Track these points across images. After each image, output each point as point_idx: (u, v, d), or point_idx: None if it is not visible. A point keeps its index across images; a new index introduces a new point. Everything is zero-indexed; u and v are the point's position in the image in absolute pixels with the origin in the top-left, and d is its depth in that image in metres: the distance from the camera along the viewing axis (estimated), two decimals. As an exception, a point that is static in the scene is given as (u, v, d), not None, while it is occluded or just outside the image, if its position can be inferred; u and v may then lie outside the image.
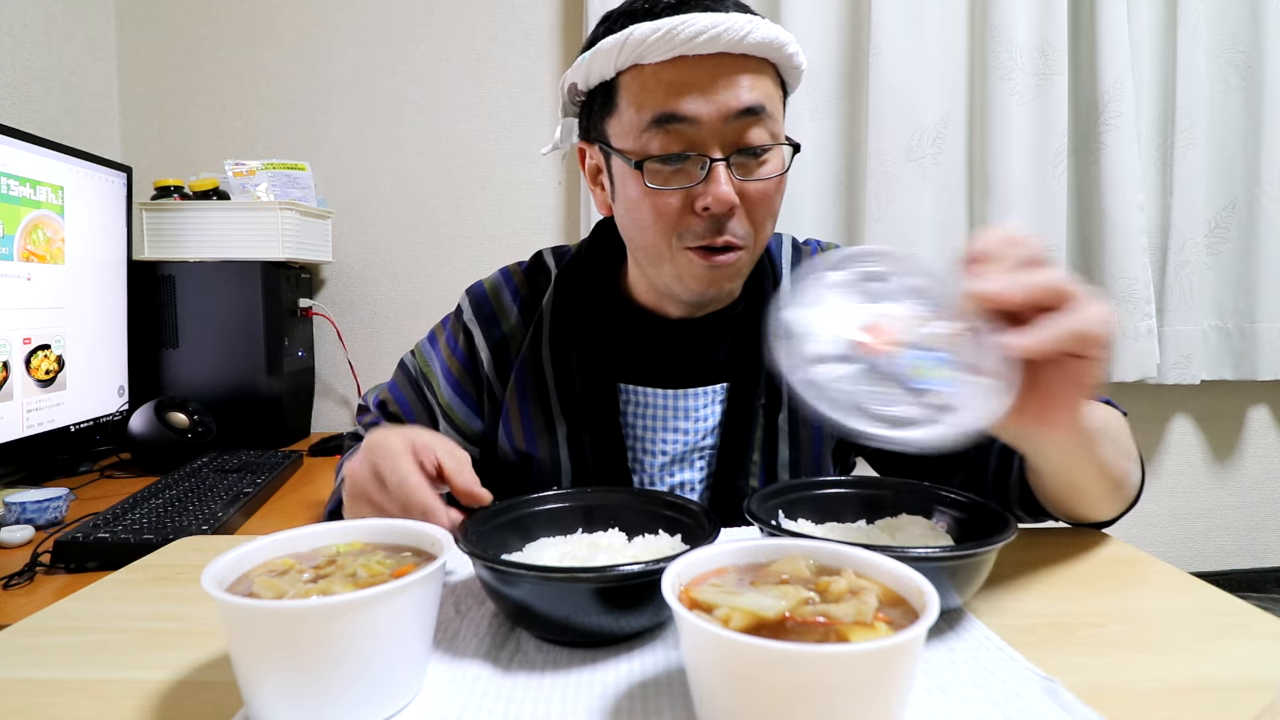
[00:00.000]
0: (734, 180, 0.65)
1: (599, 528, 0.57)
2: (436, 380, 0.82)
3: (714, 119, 0.63)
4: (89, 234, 1.35)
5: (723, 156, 0.64)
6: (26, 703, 0.42)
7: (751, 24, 0.62)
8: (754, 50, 0.63)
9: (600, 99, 0.69)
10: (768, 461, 0.76)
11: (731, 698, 0.34)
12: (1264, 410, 1.90)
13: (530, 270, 0.83)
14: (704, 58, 0.62)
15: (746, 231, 0.67)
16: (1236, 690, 0.41)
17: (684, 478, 0.76)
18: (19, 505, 1.01)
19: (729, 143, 0.64)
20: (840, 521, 0.58)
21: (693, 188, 0.65)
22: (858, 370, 0.40)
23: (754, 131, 0.65)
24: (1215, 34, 1.73)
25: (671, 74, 0.63)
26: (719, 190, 0.64)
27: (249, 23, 1.76)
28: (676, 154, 0.64)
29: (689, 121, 0.63)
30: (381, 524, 0.48)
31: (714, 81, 0.63)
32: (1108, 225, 1.67)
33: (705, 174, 0.64)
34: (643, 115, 0.65)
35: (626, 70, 0.66)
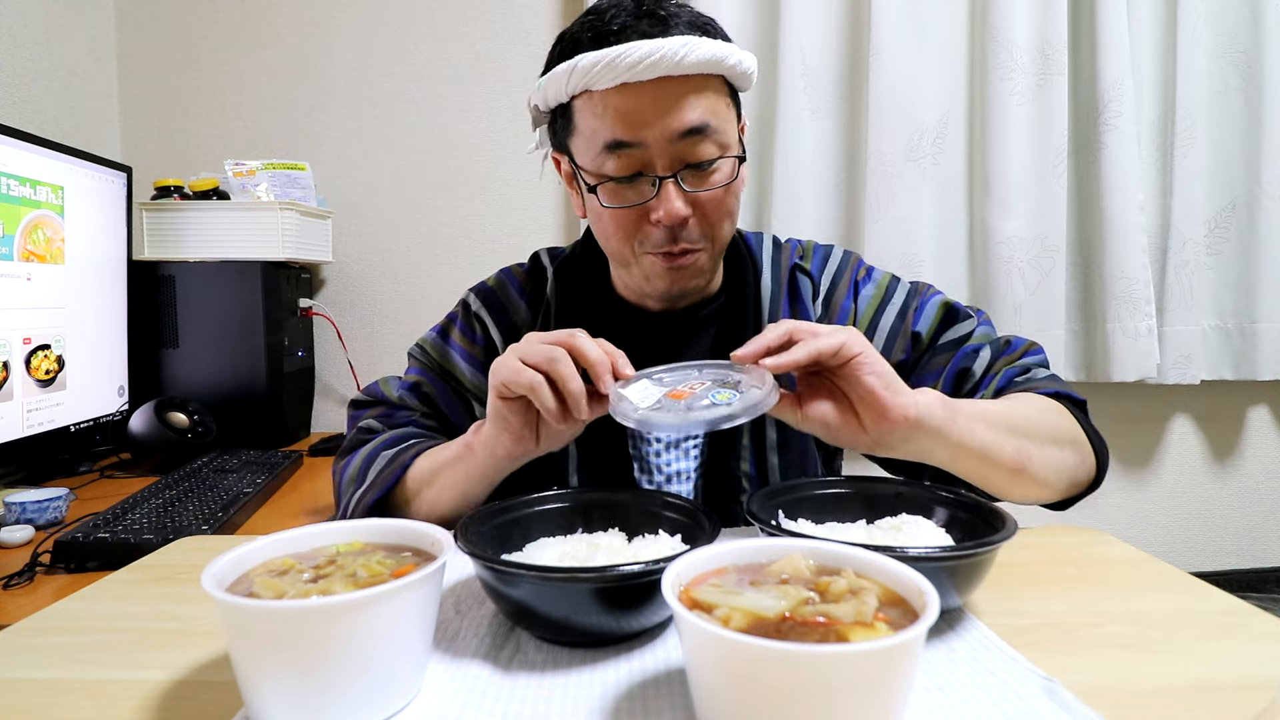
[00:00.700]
0: (684, 194, 0.69)
1: (599, 528, 0.57)
2: (459, 368, 0.84)
3: (660, 141, 0.67)
4: (89, 234, 1.35)
5: (670, 174, 0.69)
6: (26, 703, 0.42)
7: (687, 45, 0.65)
8: (695, 69, 0.67)
9: (560, 119, 0.74)
10: (757, 445, 0.79)
11: (731, 698, 0.34)
12: (1264, 410, 1.90)
13: (531, 270, 0.88)
14: (647, 83, 0.66)
15: (701, 235, 0.72)
16: (1236, 690, 0.41)
17: (680, 466, 0.79)
18: (19, 505, 1.01)
19: (676, 160, 0.69)
20: (840, 521, 0.58)
21: (646, 203, 0.70)
22: (669, 408, 0.55)
23: (700, 147, 0.69)
24: (1215, 34, 1.73)
25: (617, 101, 0.67)
26: (669, 206, 0.69)
27: (249, 23, 1.76)
28: (628, 176, 0.69)
29: (637, 146, 0.68)
30: (382, 524, 0.48)
31: (657, 106, 0.67)
32: (1108, 225, 1.67)
33: (656, 191, 0.69)
34: (595, 141, 0.69)
35: (579, 95, 0.70)
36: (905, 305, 0.81)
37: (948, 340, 0.79)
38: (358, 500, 0.74)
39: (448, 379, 0.85)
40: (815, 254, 0.85)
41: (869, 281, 0.83)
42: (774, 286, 0.81)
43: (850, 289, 0.82)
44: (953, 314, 0.80)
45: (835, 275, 0.83)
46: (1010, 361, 0.77)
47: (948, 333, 0.79)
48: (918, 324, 0.80)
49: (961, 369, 0.76)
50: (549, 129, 0.78)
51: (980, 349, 0.78)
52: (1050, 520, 0.77)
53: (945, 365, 0.77)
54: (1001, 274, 1.68)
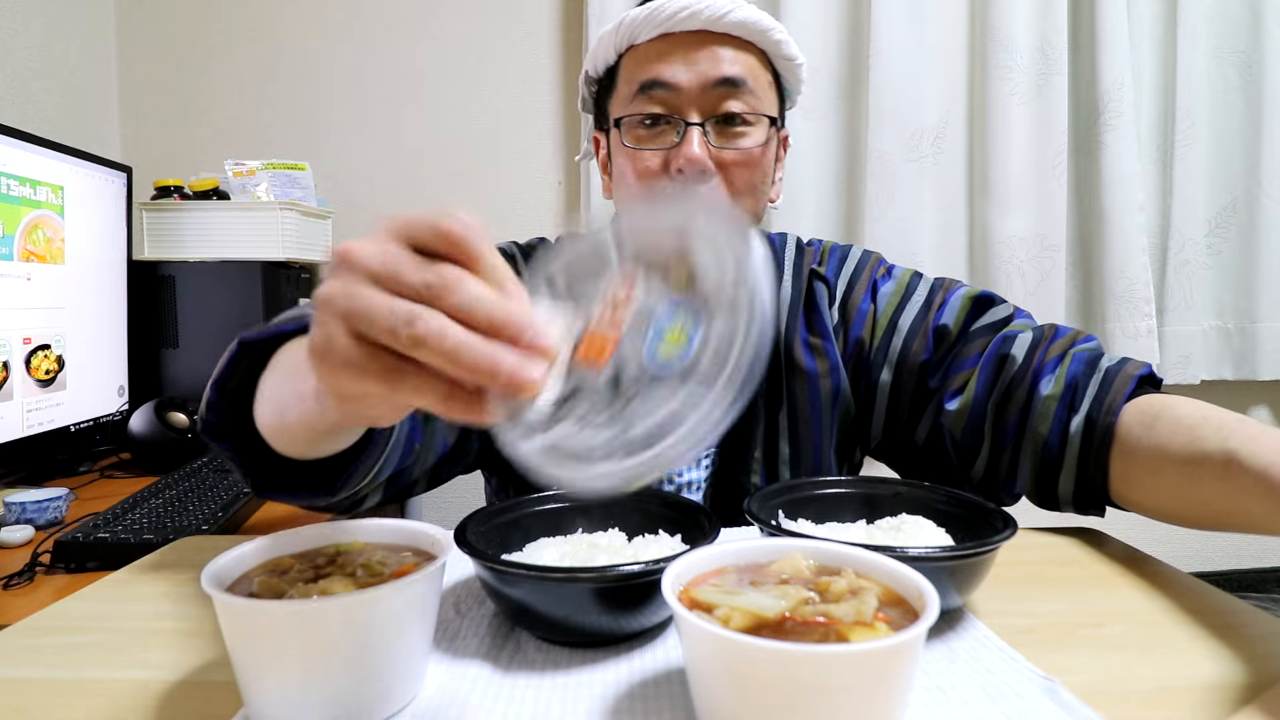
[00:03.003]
0: (709, 147, 0.68)
1: (599, 528, 0.57)
2: None
3: (692, 86, 0.68)
4: (89, 234, 1.35)
5: (699, 121, 0.68)
6: (26, 703, 0.42)
7: (732, 4, 0.67)
8: (733, 29, 0.68)
9: (605, 83, 0.75)
10: (769, 458, 0.77)
11: (731, 698, 0.34)
12: (1264, 410, 1.90)
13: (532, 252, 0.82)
14: (689, 34, 0.68)
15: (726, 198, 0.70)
16: (1236, 690, 0.41)
17: (690, 476, 0.77)
18: (19, 505, 1.01)
19: (705, 109, 0.69)
20: (840, 521, 0.58)
21: (668, 149, 0.69)
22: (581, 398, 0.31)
23: (732, 101, 0.69)
24: (1215, 34, 1.73)
25: (658, 47, 0.69)
26: (690, 151, 0.67)
27: (249, 23, 1.76)
28: (654, 115, 0.69)
29: (669, 87, 0.68)
30: (381, 524, 0.48)
31: (695, 52, 0.68)
32: (1108, 225, 1.67)
33: (680, 138, 0.68)
34: (632, 86, 0.70)
35: (625, 52, 0.72)
36: (929, 301, 0.76)
37: (982, 326, 0.72)
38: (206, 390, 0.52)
39: None
40: (831, 256, 0.81)
41: (889, 279, 0.79)
42: (793, 293, 0.78)
43: (868, 289, 0.78)
44: (983, 302, 0.74)
45: (852, 277, 0.79)
46: (1065, 346, 0.68)
47: (980, 319, 0.73)
48: (941, 318, 0.74)
49: (1001, 354, 0.69)
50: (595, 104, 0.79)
51: (1019, 334, 0.70)
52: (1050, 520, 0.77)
53: (982, 350, 0.70)
54: (1001, 274, 1.68)
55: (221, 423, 0.51)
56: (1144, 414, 0.61)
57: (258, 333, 0.50)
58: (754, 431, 0.76)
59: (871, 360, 0.76)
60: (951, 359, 0.72)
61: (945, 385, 0.72)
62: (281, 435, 0.44)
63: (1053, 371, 0.67)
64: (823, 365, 0.76)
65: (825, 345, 0.77)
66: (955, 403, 0.70)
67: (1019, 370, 0.68)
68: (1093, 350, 0.68)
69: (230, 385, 0.51)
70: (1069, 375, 0.66)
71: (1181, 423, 0.57)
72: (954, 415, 0.70)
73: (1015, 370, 0.68)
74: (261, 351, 0.49)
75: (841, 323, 0.78)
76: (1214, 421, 0.56)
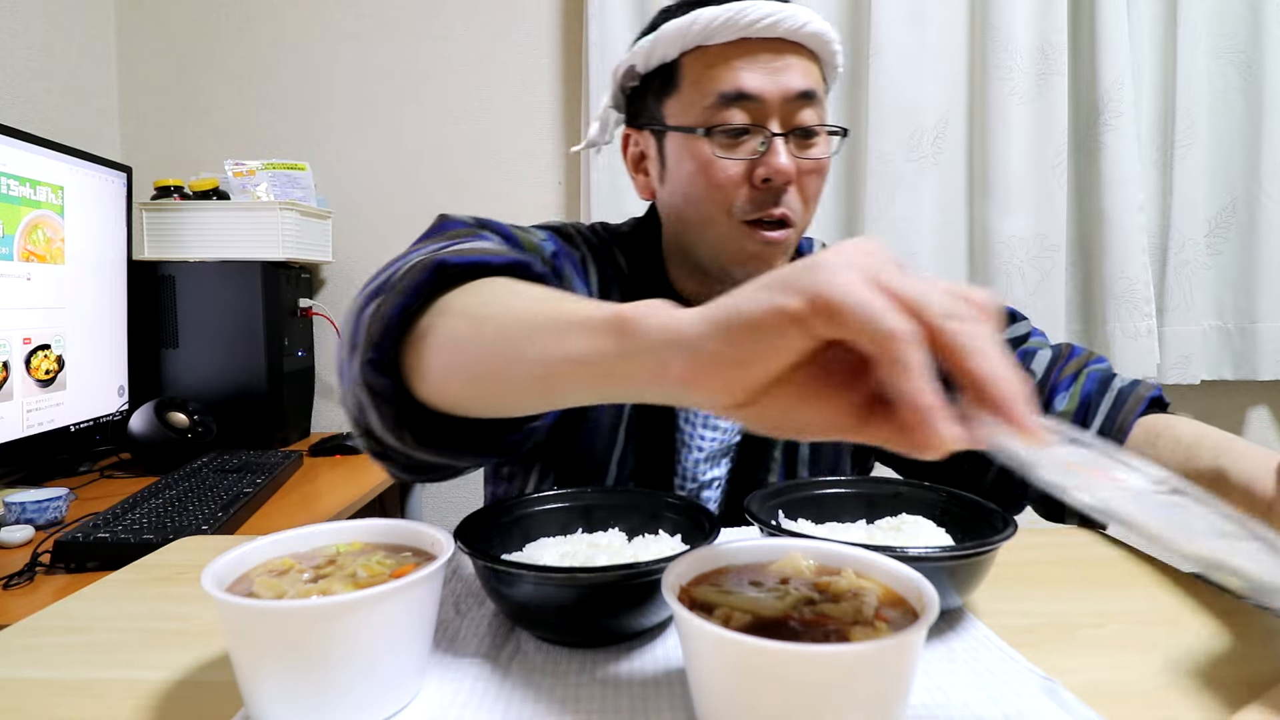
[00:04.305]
0: (791, 156, 0.69)
1: (599, 528, 0.57)
2: (568, 277, 0.75)
3: (776, 98, 0.68)
4: (89, 234, 1.35)
5: (782, 132, 0.69)
6: (25, 703, 0.42)
7: (809, 16, 0.68)
8: (807, 40, 0.69)
9: (658, 81, 0.73)
10: (788, 458, 0.77)
11: (731, 698, 0.34)
12: (1264, 410, 1.90)
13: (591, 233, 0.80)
14: (765, 41, 0.68)
15: (799, 208, 0.71)
16: (1236, 690, 0.41)
17: (713, 474, 0.78)
18: (19, 505, 1.01)
19: (787, 121, 0.69)
20: (840, 521, 0.58)
21: (753, 159, 0.69)
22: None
23: (808, 112, 0.70)
24: (1215, 34, 1.73)
25: (737, 55, 0.68)
26: (779, 162, 0.68)
27: (249, 23, 1.76)
28: (742, 126, 0.69)
29: (754, 99, 0.68)
30: (381, 524, 0.48)
31: (774, 62, 0.68)
32: (1108, 225, 1.67)
33: (765, 148, 0.68)
34: (709, 91, 0.69)
35: (690, 51, 0.70)
36: None
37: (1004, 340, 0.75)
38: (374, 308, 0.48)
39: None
40: None
41: None
42: None
43: None
44: (1007, 316, 0.78)
45: None
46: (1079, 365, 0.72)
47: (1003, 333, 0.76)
48: None
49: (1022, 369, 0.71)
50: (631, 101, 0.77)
51: (1038, 351, 0.74)
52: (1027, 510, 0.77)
53: None
54: (1001, 274, 1.68)
55: (392, 353, 0.46)
56: (1148, 432, 0.65)
57: (457, 258, 0.47)
58: None
59: None
60: None
61: None
62: (505, 384, 0.40)
63: (1067, 389, 0.71)
64: None
65: None
66: None
67: (1036, 386, 0.72)
68: (1105, 370, 0.72)
69: (413, 309, 0.46)
70: (1083, 393, 0.70)
71: (1180, 441, 0.62)
72: None
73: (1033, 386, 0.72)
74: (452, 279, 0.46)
75: None
76: (1209, 440, 0.60)
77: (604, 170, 1.66)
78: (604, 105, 0.80)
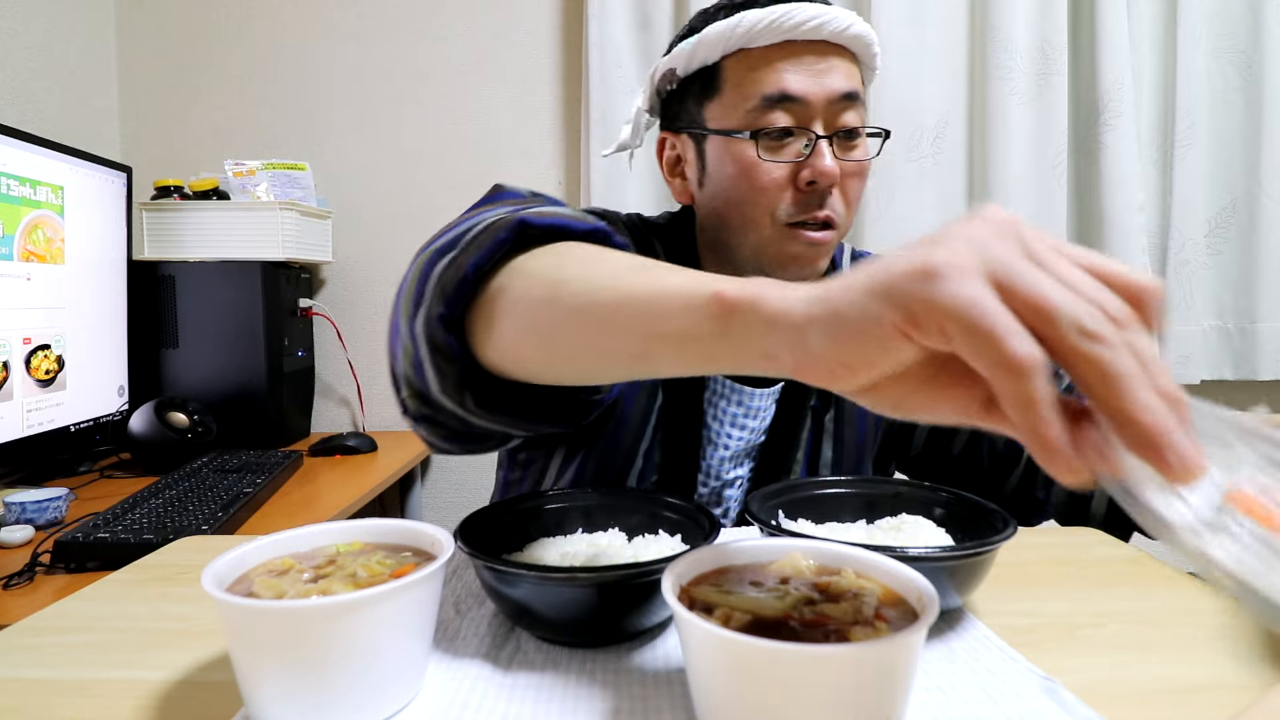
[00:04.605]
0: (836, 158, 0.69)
1: (599, 528, 0.57)
2: None
3: (820, 100, 0.68)
4: (89, 234, 1.35)
5: (826, 134, 0.69)
6: (25, 702, 0.42)
7: (852, 19, 0.68)
8: (850, 43, 0.69)
9: (698, 84, 0.72)
10: (811, 460, 0.78)
11: (731, 698, 0.34)
12: (1264, 411, 1.90)
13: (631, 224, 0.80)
14: (808, 44, 0.68)
15: (843, 209, 0.71)
16: (1236, 690, 0.41)
17: (736, 474, 0.77)
18: (19, 505, 1.01)
19: (831, 123, 0.69)
20: (840, 521, 0.58)
21: (798, 162, 0.69)
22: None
23: (851, 114, 0.70)
24: (1215, 34, 1.73)
25: (781, 56, 0.68)
26: (824, 164, 0.67)
27: (249, 23, 1.76)
28: (787, 128, 0.68)
29: (798, 101, 0.68)
30: (381, 524, 0.48)
31: (818, 64, 0.68)
32: (1108, 225, 1.67)
33: (810, 151, 0.68)
34: (752, 94, 0.68)
35: (732, 54, 0.70)
36: None
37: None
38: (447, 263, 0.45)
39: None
40: None
41: None
42: None
43: None
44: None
45: None
46: None
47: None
48: None
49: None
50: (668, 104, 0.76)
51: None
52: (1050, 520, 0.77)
53: None
54: (1001, 274, 1.68)
55: (461, 312, 0.45)
56: None
57: (539, 219, 0.45)
58: (799, 433, 0.76)
59: None
60: None
61: None
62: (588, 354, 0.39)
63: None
64: None
65: None
66: None
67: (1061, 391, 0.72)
68: None
69: (487, 268, 0.45)
70: None
71: None
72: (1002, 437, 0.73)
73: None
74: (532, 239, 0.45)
75: None
76: None
77: (604, 170, 1.66)
78: (636, 108, 0.80)
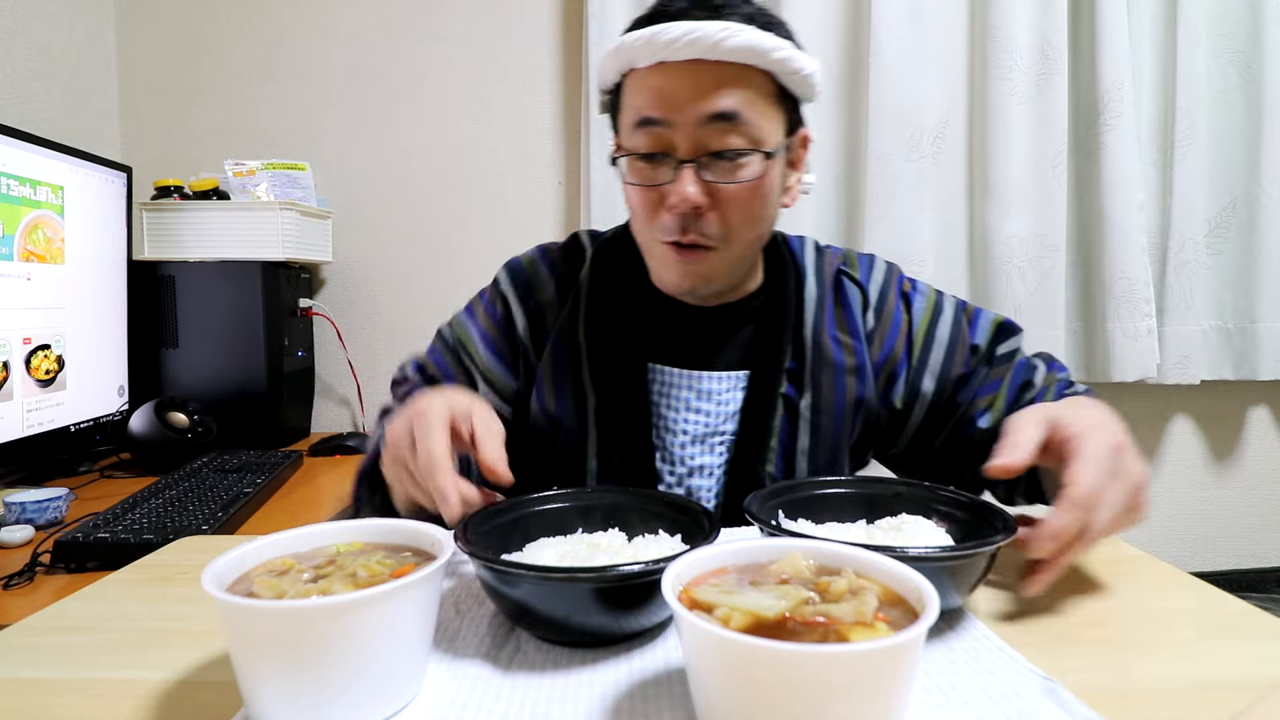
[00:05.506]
0: (702, 182, 0.67)
1: (599, 528, 0.57)
2: (474, 345, 0.83)
3: (686, 122, 0.66)
4: (89, 234, 1.35)
5: (691, 159, 0.67)
6: (25, 702, 0.42)
7: (725, 30, 0.64)
8: (731, 56, 0.65)
9: (614, 99, 0.74)
10: (786, 449, 0.78)
11: (731, 698, 0.34)
12: (1264, 410, 1.90)
13: (566, 249, 0.85)
14: (684, 64, 0.66)
15: (718, 232, 0.69)
16: (1236, 690, 0.41)
17: (704, 461, 0.78)
18: (19, 505, 1.01)
19: (699, 145, 0.67)
20: (840, 521, 0.58)
21: (664, 186, 0.69)
22: None
23: (726, 137, 0.67)
24: (1215, 34, 1.73)
25: (655, 79, 0.67)
26: (682, 190, 0.67)
27: (249, 23, 1.76)
28: (650, 154, 0.69)
29: (664, 124, 0.67)
30: (381, 524, 0.48)
31: (689, 87, 0.66)
32: (1108, 225, 1.67)
33: (676, 174, 0.68)
34: (631, 117, 0.69)
35: (626, 73, 0.70)
36: (957, 318, 0.81)
37: (1004, 353, 0.80)
38: (359, 471, 0.73)
39: (460, 359, 0.83)
40: (861, 263, 0.84)
41: (917, 294, 0.83)
42: (818, 290, 0.80)
43: (900, 300, 0.82)
44: (1005, 329, 0.82)
45: (884, 287, 0.82)
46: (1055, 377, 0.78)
47: (1002, 346, 0.80)
48: (975, 337, 0.80)
49: (1024, 381, 0.77)
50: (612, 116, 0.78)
51: (1035, 364, 0.79)
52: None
53: (1004, 377, 0.78)
54: (1001, 274, 1.68)
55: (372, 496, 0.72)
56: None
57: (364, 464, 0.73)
58: (770, 421, 0.77)
59: (914, 368, 0.80)
60: (981, 379, 0.79)
61: (974, 404, 0.78)
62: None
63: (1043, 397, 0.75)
64: (850, 361, 0.79)
65: (855, 344, 0.79)
66: (986, 419, 0.77)
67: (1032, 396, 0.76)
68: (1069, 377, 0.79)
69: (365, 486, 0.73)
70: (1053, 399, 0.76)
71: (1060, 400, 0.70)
72: (987, 433, 0.76)
73: (1030, 396, 0.76)
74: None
75: (877, 330, 0.80)
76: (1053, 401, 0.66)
77: (604, 170, 1.66)
78: None
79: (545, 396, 0.80)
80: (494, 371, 0.82)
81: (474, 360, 0.83)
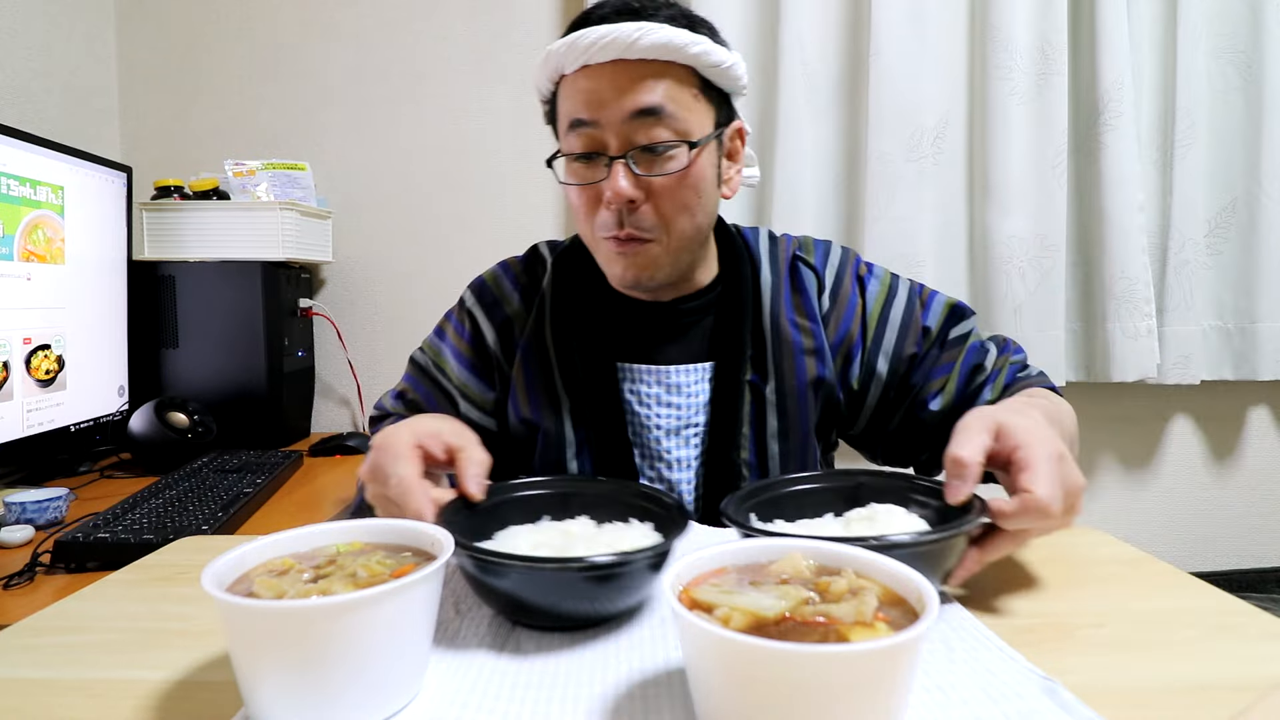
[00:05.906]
0: (633, 176, 0.70)
1: (568, 515, 0.58)
2: (448, 364, 0.86)
3: (612, 120, 0.69)
4: (89, 234, 1.35)
5: (620, 154, 0.70)
6: (25, 702, 0.42)
7: (641, 30, 0.67)
8: (649, 54, 0.68)
9: (552, 107, 0.77)
10: (757, 434, 0.79)
11: (731, 698, 0.34)
12: (1264, 410, 1.90)
13: (527, 261, 0.88)
14: (607, 65, 0.69)
15: (654, 224, 0.72)
16: (1236, 690, 0.41)
17: (680, 454, 0.79)
18: (19, 505, 1.01)
19: (627, 141, 0.70)
20: (809, 517, 0.58)
21: (599, 183, 0.72)
22: None
23: (652, 130, 0.70)
24: (1215, 34, 1.73)
25: (581, 82, 0.70)
26: (615, 184, 0.69)
27: (249, 23, 1.76)
28: (584, 154, 0.71)
29: (593, 125, 0.70)
30: (381, 524, 0.48)
31: (612, 86, 0.69)
32: (1108, 225, 1.67)
33: (608, 171, 0.71)
34: (564, 121, 0.73)
35: (558, 80, 0.74)
36: (910, 300, 0.83)
37: (956, 336, 0.82)
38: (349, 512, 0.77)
39: (437, 381, 0.86)
40: (816, 249, 0.86)
41: (872, 277, 0.84)
42: (774, 278, 0.82)
43: (855, 284, 0.84)
44: (957, 312, 0.83)
45: (839, 270, 0.84)
46: (1007, 360, 0.81)
47: (954, 329, 0.82)
48: (927, 319, 0.82)
49: (975, 364, 0.80)
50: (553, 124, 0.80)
51: (988, 347, 0.81)
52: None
53: (956, 360, 0.80)
54: (1001, 274, 1.68)
55: None
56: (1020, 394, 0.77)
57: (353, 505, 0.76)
58: (739, 409, 0.79)
59: (868, 349, 0.82)
60: (931, 362, 0.81)
61: (926, 386, 0.80)
62: None
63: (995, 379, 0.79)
64: (808, 343, 0.81)
65: (812, 327, 0.81)
66: (938, 402, 0.80)
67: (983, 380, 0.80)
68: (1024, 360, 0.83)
69: None
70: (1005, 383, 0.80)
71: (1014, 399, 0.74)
72: (939, 415, 0.79)
73: (981, 380, 0.80)
74: None
75: (833, 312, 0.83)
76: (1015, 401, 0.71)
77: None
78: None
79: (520, 404, 0.82)
80: (470, 386, 0.84)
81: (449, 379, 0.85)
